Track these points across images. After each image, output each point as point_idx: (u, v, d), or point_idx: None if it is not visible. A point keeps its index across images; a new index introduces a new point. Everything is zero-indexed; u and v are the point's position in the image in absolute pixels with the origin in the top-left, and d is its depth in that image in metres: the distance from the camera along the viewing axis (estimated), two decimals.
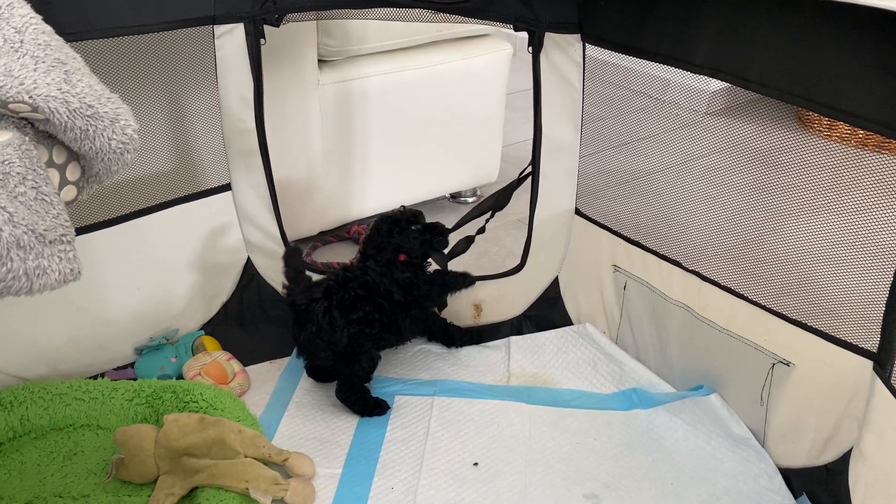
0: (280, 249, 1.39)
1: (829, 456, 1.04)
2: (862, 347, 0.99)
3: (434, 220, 1.31)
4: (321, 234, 1.73)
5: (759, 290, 1.15)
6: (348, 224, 1.76)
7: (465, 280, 1.34)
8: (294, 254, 1.23)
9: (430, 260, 1.30)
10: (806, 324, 1.06)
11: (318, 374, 1.30)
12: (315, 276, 1.26)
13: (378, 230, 1.26)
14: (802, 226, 1.69)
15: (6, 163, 0.65)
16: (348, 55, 1.55)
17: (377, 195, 1.73)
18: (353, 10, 1.25)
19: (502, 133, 1.85)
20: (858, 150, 2.16)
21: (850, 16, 0.83)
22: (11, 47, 0.69)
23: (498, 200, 1.40)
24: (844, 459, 1.01)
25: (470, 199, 1.97)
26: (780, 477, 1.10)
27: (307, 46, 1.46)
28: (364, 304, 1.18)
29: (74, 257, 0.69)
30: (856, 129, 2.00)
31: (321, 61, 1.52)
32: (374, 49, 1.58)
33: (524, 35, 1.24)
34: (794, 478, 1.10)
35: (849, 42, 0.86)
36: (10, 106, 0.68)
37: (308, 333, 1.16)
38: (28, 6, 0.74)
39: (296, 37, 1.42)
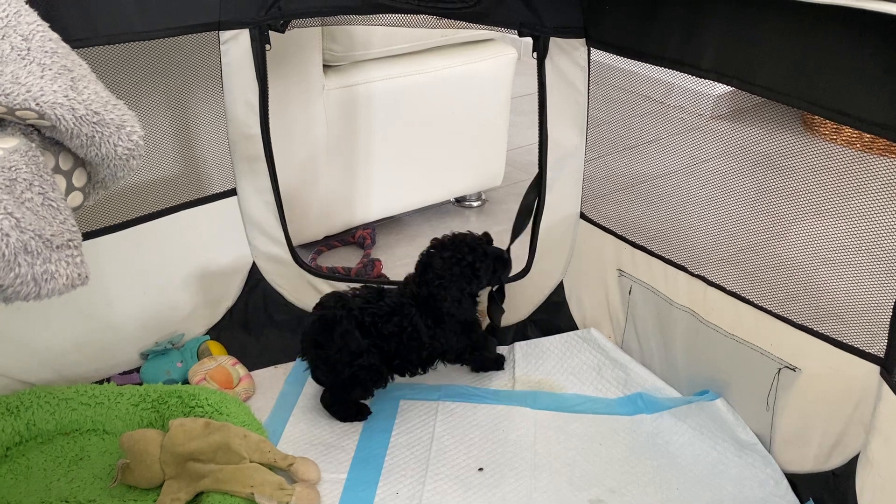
0: (285, 254, 1.39)
1: (836, 461, 1.04)
2: (869, 352, 0.99)
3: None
4: (326, 238, 1.73)
5: (764, 295, 1.15)
6: (353, 229, 1.76)
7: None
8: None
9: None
10: (812, 329, 1.06)
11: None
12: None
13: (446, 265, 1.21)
14: (808, 230, 1.69)
15: (13, 169, 0.66)
16: (353, 60, 1.56)
17: (382, 200, 1.73)
18: (358, 17, 1.25)
19: (507, 137, 1.85)
20: (864, 153, 2.15)
21: (855, 19, 0.83)
22: (18, 55, 0.69)
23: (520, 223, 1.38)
24: (851, 465, 1.01)
25: (475, 204, 1.97)
26: (786, 482, 1.10)
27: (312, 52, 1.46)
28: (373, 357, 1.18)
29: (82, 262, 0.69)
30: (861, 132, 2.00)
31: (326, 66, 1.52)
32: (379, 54, 1.59)
33: (529, 39, 1.24)
34: (800, 483, 1.09)
35: (854, 46, 0.86)
36: (17, 113, 0.68)
37: (315, 356, 1.20)
38: (35, 14, 0.74)
39: (301, 42, 1.42)
